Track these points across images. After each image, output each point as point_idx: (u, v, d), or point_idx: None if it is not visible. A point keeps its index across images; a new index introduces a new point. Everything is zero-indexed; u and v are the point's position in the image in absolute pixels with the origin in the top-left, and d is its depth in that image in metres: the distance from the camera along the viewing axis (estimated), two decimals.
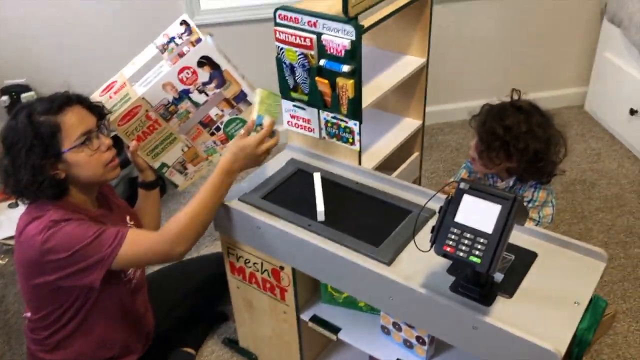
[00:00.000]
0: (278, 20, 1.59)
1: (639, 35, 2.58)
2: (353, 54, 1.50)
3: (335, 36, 1.50)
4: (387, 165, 1.86)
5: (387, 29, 1.87)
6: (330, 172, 1.68)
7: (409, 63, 1.85)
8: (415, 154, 2.04)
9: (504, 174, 1.78)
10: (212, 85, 1.65)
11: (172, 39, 1.64)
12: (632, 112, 2.71)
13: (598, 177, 2.66)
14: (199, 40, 1.61)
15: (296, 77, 1.64)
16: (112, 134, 1.59)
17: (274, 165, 1.74)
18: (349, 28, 1.47)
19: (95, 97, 1.67)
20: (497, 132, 1.64)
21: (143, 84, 1.63)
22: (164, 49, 1.65)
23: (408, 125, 1.97)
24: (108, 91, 1.66)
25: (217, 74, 1.63)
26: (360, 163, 1.70)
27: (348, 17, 1.46)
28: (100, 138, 1.46)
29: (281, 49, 1.61)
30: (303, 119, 1.72)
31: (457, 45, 2.94)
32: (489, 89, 3.27)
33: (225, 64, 1.63)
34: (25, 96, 2.64)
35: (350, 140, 1.66)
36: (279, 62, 1.65)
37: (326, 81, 1.57)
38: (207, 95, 1.66)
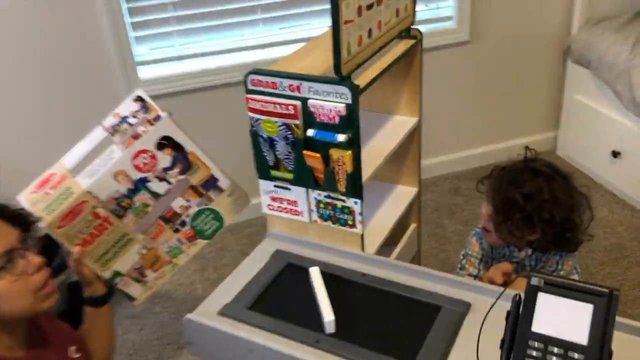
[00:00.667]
0: (250, 87, 1.31)
1: (611, 75, 2.47)
2: (350, 120, 1.23)
3: (326, 100, 1.23)
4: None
5: (370, 88, 1.62)
6: (330, 264, 1.37)
7: (401, 124, 1.60)
8: (413, 226, 1.77)
9: (523, 243, 1.53)
10: (175, 170, 1.33)
11: (124, 119, 1.33)
12: (615, 154, 2.57)
13: (592, 227, 2.47)
14: (157, 117, 1.31)
15: (277, 153, 1.35)
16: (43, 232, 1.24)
17: (255, 261, 1.41)
18: (343, 90, 1.20)
19: (26, 196, 1.31)
20: (516, 202, 1.40)
21: (89, 174, 1.31)
22: (114, 130, 1.33)
23: (403, 194, 1.70)
24: (43, 186, 1.31)
25: (181, 157, 1.33)
26: (363, 248, 1.40)
27: (341, 76, 1.20)
28: (26, 257, 1.10)
29: (256, 120, 1.32)
30: (288, 200, 1.42)
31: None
32: (457, 142, 3.13)
33: (190, 145, 1.33)
34: None
35: (350, 222, 1.37)
36: (254, 135, 1.35)
37: (317, 155, 1.29)
38: (169, 183, 1.34)
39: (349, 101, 1.21)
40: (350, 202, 1.33)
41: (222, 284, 1.38)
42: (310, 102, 1.25)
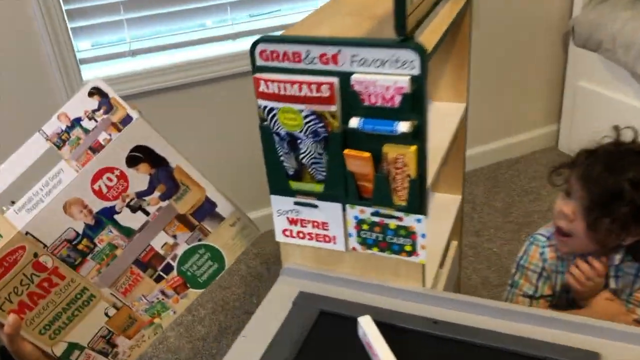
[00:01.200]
0: (260, 62, 0.90)
1: (629, 55, 2.20)
2: (417, 101, 0.83)
3: (381, 73, 0.84)
4: None
5: None
6: (383, 310, 0.97)
7: (445, 113, 1.22)
8: (454, 244, 1.39)
9: (615, 250, 1.20)
10: (155, 195, 0.91)
11: (75, 122, 0.89)
12: None
13: None
14: (127, 119, 0.88)
15: (301, 156, 0.94)
16: None
17: (272, 311, 1.00)
18: (408, 54, 0.81)
19: None
20: (623, 192, 1.07)
21: (25, 207, 0.87)
22: (61, 140, 0.89)
23: (446, 204, 1.33)
24: None
25: (163, 176, 0.91)
26: (424, 282, 1.01)
27: (404, 35, 0.81)
28: None
29: (270, 110, 0.91)
30: (314, 223, 1.01)
31: None
32: None
33: (174, 156, 0.91)
34: None
35: (408, 247, 0.97)
36: (267, 133, 0.94)
37: (366, 154, 0.89)
38: (146, 213, 0.92)
39: (417, 72, 0.82)
40: (410, 221, 0.94)
41: (232, 348, 0.96)
42: (355, 77, 0.85)
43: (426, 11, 0.92)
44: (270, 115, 0.92)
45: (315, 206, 0.99)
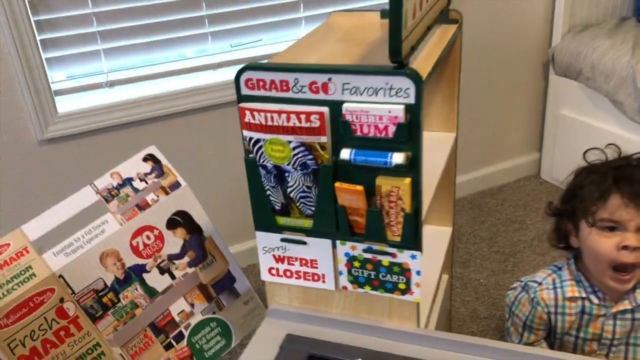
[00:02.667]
0: (245, 92, 0.85)
1: (610, 84, 2.21)
2: (412, 131, 0.79)
3: (374, 102, 0.79)
4: None
5: None
6: (376, 353, 0.91)
7: (436, 142, 1.18)
8: (445, 278, 1.34)
9: None
10: (185, 260, 0.94)
11: (127, 181, 0.94)
12: None
13: None
14: (175, 185, 0.94)
15: (289, 189, 0.89)
16: None
17: (257, 353, 0.93)
18: (403, 82, 0.77)
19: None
20: None
21: (64, 251, 0.88)
22: (110, 195, 0.92)
23: (435, 236, 1.28)
24: None
25: (195, 244, 0.95)
26: (419, 322, 0.95)
27: (399, 60, 0.77)
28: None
29: (255, 142, 0.86)
30: (302, 260, 0.95)
31: None
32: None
33: (210, 228, 0.97)
34: None
35: (402, 285, 0.92)
36: (252, 166, 0.89)
37: (358, 187, 0.84)
38: (172, 277, 0.93)
39: (412, 100, 0.78)
40: (404, 257, 0.89)
41: None
42: (346, 106, 0.80)
43: (419, 38, 0.89)
44: (257, 147, 0.87)
45: (304, 243, 0.94)
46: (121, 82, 1.90)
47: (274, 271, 0.99)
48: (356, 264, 0.93)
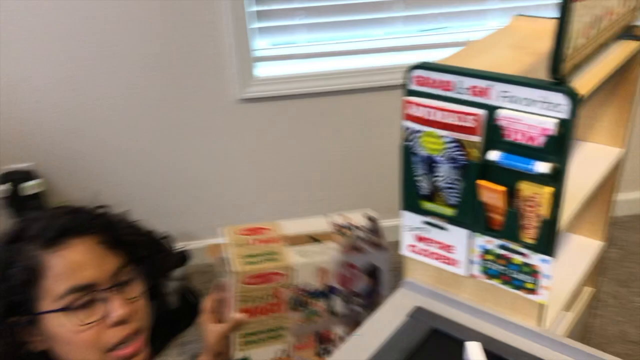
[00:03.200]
0: (413, 86, 0.96)
1: None
2: (560, 144, 0.84)
3: (528, 112, 0.85)
4: None
5: None
6: (494, 341, 0.99)
7: (598, 155, 1.18)
8: (589, 290, 1.34)
9: None
10: (360, 300, 1.16)
11: (352, 227, 1.18)
12: None
13: None
14: (381, 247, 1.15)
15: (436, 178, 0.98)
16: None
17: (387, 318, 1.06)
18: (559, 98, 0.82)
19: (233, 233, 1.14)
20: None
21: (301, 253, 1.15)
22: (339, 231, 1.17)
23: (583, 247, 1.28)
24: (254, 233, 1.18)
25: (372, 293, 1.17)
26: (540, 322, 1.00)
27: (558, 78, 0.82)
28: (109, 302, 0.80)
29: (414, 132, 0.97)
30: (440, 244, 1.05)
31: None
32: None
33: (384, 287, 1.17)
34: (26, 186, 2.05)
35: (530, 285, 0.97)
36: (407, 152, 1.00)
37: (500, 188, 0.91)
38: (349, 308, 1.16)
39: (565, 115, 0.82)
40: (536, 259, 0.94)
41: (345, 344, 1.04)
42: (501, 112, 0.87)
43: (588, 56, 0.91)
44: (413, 137, 0.98)
45: (445, 228, 1.03)
46: (316, 55, 2.10)
47: (412, 248, 1.10)
48: (489, 257, 1.00)
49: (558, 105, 0.82)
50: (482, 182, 0.93)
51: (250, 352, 1.15)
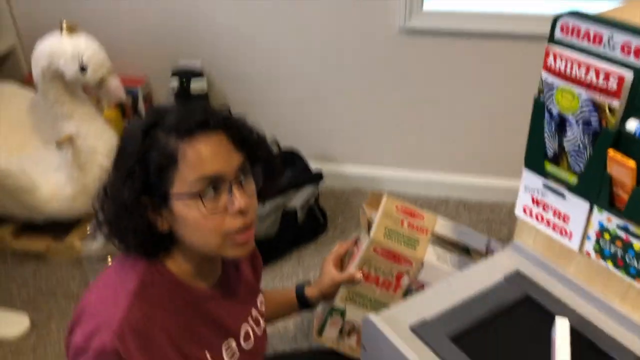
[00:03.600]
0: (558, 36, 0.87)
1: None
2: None
3: None
4: None
5: None
6: (588, 323, 0.92)
7: None
8: None
9: None
10: None
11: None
12: None
13: None
14: None
15: (564, 140, 0.90)
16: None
17: (485, 273, 1.03)
18: None
19: (385, 206, 1.26)
20: None
21: (439, 255, 1.25)
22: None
23: None
24: (409, 216, 1.28)
25: None
26: None
27: None
28: (234, 194, 0.86)
29: (550, 85, 0.89)
30: (556, 211, 0.98)
31: None
32: None
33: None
34: (195, 85, 2.25)
35: None
36: (539, 107, 0.93)
37: (631, 163, 0.81)
38: None
39: None
40: None
41: (432, 288, 1.04)
42: None
43: None
44: (548, 90, 0.90)
45: (563, 195, 0.95)
46: None
47: (527, 211, 1.03)
48: (606, 236, 0.91)
49: None
50: (612, 153, 0.83)
51: (348, 307, 1.26)
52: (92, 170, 1.93)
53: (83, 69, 1.81)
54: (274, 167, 0.98)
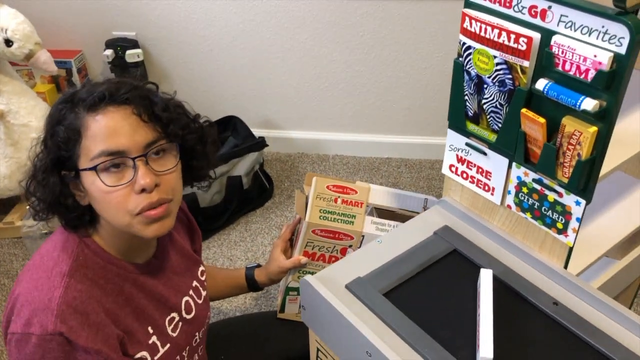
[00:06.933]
0: None
1: None
2: (613, 81, 0.77)
3: (584, 41, 0.78)
4: None
5: None
6: (511, 272, 0.98)
7: None
8: None
9: None
10: None
11: None
12: None
13: None
14: None
15: (483, 100, 0.95)
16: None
17: (415, 231, 1.07)
18: (618, 29, 0.74)
19: (319, 182, 1.26)
20: None
21: (376, 225, 1.28)
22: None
23: None
24: (341, 192, 1.28)
25: None
26: (566, 265, 0.97)
27: (621, 6, 0.73)
28: (138, 170, 0.84)
29: (467, 48, 0.92)
30: (478, 168, 1.03)
31: None
32: None
33: None
34: (130, 53, 2.19)
35: (560, 225, 0.94)
36: (458, 68, 0.96)
37: (541, 120, 0.86)
38: None
39: (622, 50, 0.74)
40: (569, 200, 0.90)
41: (364, 247, 1.08)
42: (556, 38, 0.80)
43: None
44: (466, 53, 0.93)
45: (484, 153, 1.00)
46: None
47: (453, 169, 1.08)
48: (524, 189, 0.96)
49: (616, 37, 0.74)
50: (524, 112, 0.88)
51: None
52: (26, 146, 1.88)
53: (9, 42, 1.74)
54: (199, 142, 0.96)
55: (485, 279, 0.93)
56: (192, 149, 0.95)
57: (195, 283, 1.08)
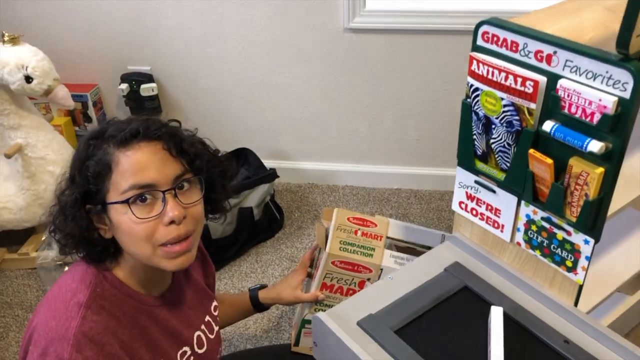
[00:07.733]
0: (479, 42, 0.93)
1: None
2: (618, 124, 0.79)
3: (589, 85, 0.80)
4: None
5: None
6: (521, 309, 0.99)
7: None
8: None
9: None
10: None
11: None
12: None
13: None
14: None
15: (491, 140, 0.97)
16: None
17: (426, 266, 1.09)
18: (622, 74, 0.76)
19: (340, 215, 1.29)
20: None
21: (395, 259, 1.28)
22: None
23: None
24: (361, 225, 1.30)
25: None
26: (577, 303, 0.98)
27: (625, 53, 0.76)
28: (167, 203, 0.88)
29: (475, 90, 0.95)
30: (488, 205, 1.04)
31: None
32: None
33: None
34: (145, 87, 2.24)
35: (569, 263, 0.95)
36: (466, 109, 0.98)
37: (548, 161, 0.88)
38: None
39: (626, 94, 0.76)
40: (578, 239, 0.91)
41: (376, 283, 1.09)
42: (562, 82, 0.83)
43: None
44: (474, 95, 0.95)
45: (494, 191, 1.02)
46: None
47: (463, 205, 1.10)
48: (533, 227, 0.98)
49: (620, 82, 0.76)
50: (532, 152, 0.90)
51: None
52: (43, 179, 1.92)
53: (29, 79, 1.79)
54: (219, 175, 1.01)
55: (496, 317, 0.94)
56: (213, 183, 0.98)
57: (207, 318, 1.10)
